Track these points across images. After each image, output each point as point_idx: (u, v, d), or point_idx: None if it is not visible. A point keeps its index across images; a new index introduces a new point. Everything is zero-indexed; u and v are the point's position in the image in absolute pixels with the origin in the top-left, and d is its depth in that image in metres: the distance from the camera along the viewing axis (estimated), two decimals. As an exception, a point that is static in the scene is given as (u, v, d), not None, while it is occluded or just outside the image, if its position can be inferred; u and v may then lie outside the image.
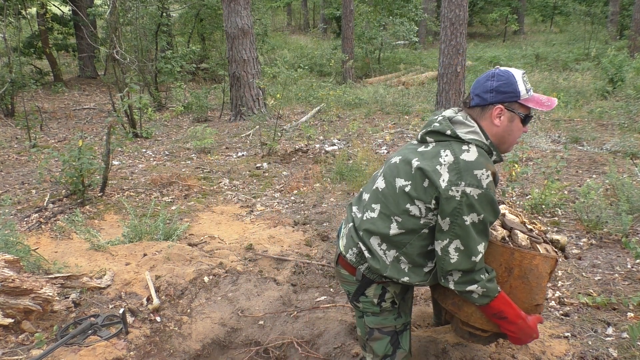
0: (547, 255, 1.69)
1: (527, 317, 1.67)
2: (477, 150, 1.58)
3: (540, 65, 13.07)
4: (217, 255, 3.21)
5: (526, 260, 1.67)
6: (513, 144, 1.69)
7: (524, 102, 1.61)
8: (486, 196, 1.53)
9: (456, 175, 1.53)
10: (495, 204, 1.56)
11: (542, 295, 1.71)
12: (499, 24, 20.60)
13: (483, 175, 1.53)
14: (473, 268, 1.57)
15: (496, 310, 1.62)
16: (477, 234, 1.56)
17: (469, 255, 1.56)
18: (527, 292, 1.70)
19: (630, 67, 9.54)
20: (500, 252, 1.69)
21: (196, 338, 2.45)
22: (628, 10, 16.42)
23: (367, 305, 1.78)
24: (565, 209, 3.74)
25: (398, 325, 1.80)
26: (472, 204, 1.52)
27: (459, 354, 2.00)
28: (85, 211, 4.22)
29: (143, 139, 7.09)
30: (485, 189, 1.52)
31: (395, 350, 1.80)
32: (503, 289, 1.65)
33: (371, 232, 1.68)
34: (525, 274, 1.68)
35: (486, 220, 1.56)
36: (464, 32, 5.89)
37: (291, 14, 24.64)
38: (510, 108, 1.62)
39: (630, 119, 7.01)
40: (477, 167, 1.53)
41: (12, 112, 8.41)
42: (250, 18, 8.20)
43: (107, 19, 8.13)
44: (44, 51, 11.75)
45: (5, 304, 2.27)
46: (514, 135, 1.66)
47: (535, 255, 1.67)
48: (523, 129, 1.66)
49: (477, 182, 1.52)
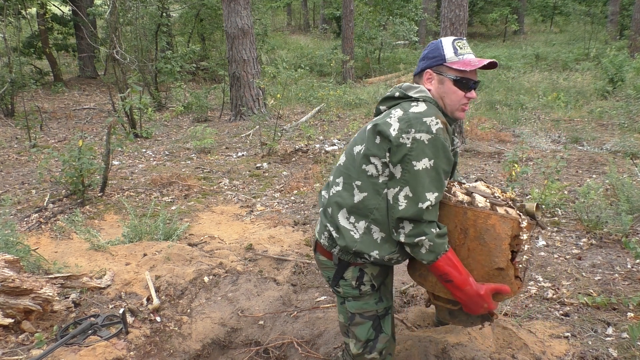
0: (505, 215, 1.62)
1: (478, 285, 1.62)
2: (426, 104, 1.63)
3: (540, 65, 13.07)
4: (217, 255, 3.21)
5: (480, 219, 1.61)
6: (455, 106, 1.69)
7: (450, 64, 1.66)
8: (436, 141, 1.54)
9: (406, 123, 1.57)
10: (447, 151, 1.56)
11: (503, 258, 1.62)
12: (499, 24, 20.60)
13: (433, 121, 1.56)
14: (421, 217, 1.54)
15: (442, 272, 1.58)
16: (428, 181, 1.55)
17: (416, 201, 1.54)
18: (486, 255, 1.63)
19: (630, 67, 9.55)
20: (454, 212, 1.64)
21: (196, 338, 2.45)
22: (628, 10, 16.42)
23: (347, 290, 1.77)
24: (565, 209, 3.74)
25: (379, 309, 1.79)
26: (422, 149, 1.54)
27: (459, 354, 2.00)
28: (85, 211, 4.22)
29: (143, 139, 7.09)
30: (435, 134, 1.54)
31: (378, 335, 1.80)
32: (461, 252, 1.62)
33: (339, 205, 1.69)
34: (481, 234, 1.61)
35: (438, 167, 1.56)
36: (464, 32, 5.88)
37: (291, 14, 24.64)
38: (438, 71, 1.68)
39: (630, 119, 7.02)
40: (427, 116, 1.57)
41: (12, 112, 8.41)
42: (250, 18, 8.20)
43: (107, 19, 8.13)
44: (44, 51, 11.75)
45: (5, 304, 2.27)
46: (450, 98, 1.68)
47: (490, 214, 1.61)
48: (462, 93, 1.67)
49: (426, 128, 1.55)
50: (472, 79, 1.69)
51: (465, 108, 1.71)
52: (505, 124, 7.37)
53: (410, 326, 2.35)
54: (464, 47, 1.70)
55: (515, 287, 1.67)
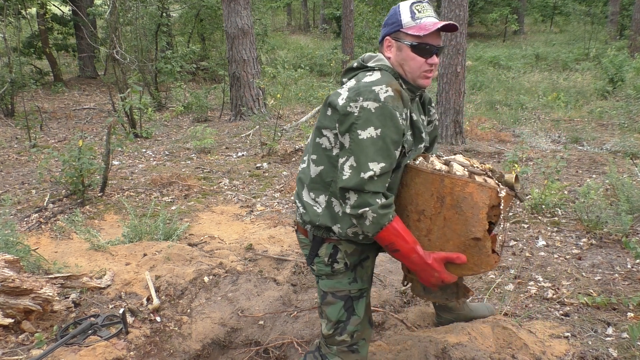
0: (483, 184, 1.56)
1: (427, 253, 1.59)
2: (380, 73, 1.59)
3: (540, 65, 13.07)
4: (217, 255, 3.21)
5: (457, 187, 1.56)
6: (416, 73, 1.62)
7: (406, 30, 1.59)
8: (384, 109, 1.50)
9: (355, 92, 1.55)
10: (395, 120, 1.52)
11: (480, 227, 1.56)
12: (499, 24, 20.59)
13: (382, 89, 1.52)
14: (363, 187, 1.50)
15: (387, 242, 1.55)
16: (373, 150, 1.51)
17: (359, 171, 1.50)
18: (463, 224, 1.57)
19: (630, 67, 9.56)
20: (431, 180, 1.59)
21: (196, 338, 2.45)
22: (628, 10, 16.41)
23: (321, 267, 1.74)
24: (565, 209, 3.74)
25: (353, 290, 1.74)
26: (369, 117, 1.51)
27: (459, 354, 2.00)
28: (85, 211, 4.22)
29: (143, 139, 7.09)
30: (383, 102, 1.50)
31: (350, 317, 1.75)
32: (437, 221, 1.59)
33: (302, 182, 1.71)
34: (458, 202, 1.56)
35: (386, 136, 1.51)
36: (464, 32, 5.88)
37: (291, 14, 24.64)
38: (397, 38, 1.62)
39: (630, 119, 7.02)
40: (377, 84, 1.53)
41: (12, 112, 8.41)
42: (250, 18, 8.20)
43: (107, 19, 8.13)
44: (44, 51, 11.75)
45: (5, 304, 2.27)
46: (410, 65, 1.61)
47: (468, 182, 1.55)
48: (421, 59, 1.60)
49: (374, 96, 1.51)
50: (432, 44, 1.59)
51: (428, 75, 1.63)
52: (505, 124, 7.37)
53: (410, 326, 2.35)
54: (424, 10, 1.60)
55: (492, 261, 1.62)
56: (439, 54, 1.63)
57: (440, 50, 1.62)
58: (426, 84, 1.65)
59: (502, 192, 1.57)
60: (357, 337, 1.79)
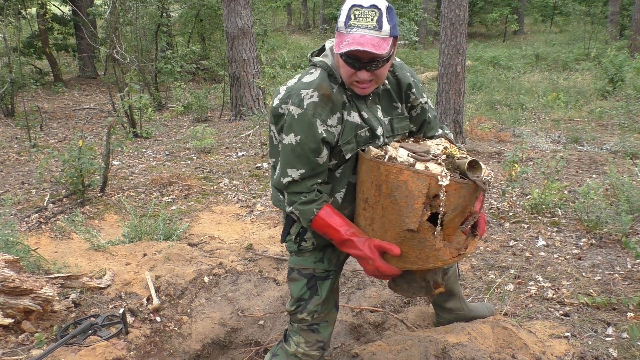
0: (419, 171, 1.42)
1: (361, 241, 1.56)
2: (319, 72, 1.55)
3: (540, 65, 13.06)
4: (217, 255, 3.21)
5: (392, 174, 1.45)
6: (347, 81, 1.51)
7: (337, 35, 1.45)
8: (304, 117, 1.49)
9: (287, 94, 1.55)
10: (314, 129, 1.49)
11: (414, 219, 1.44)
12: (499, 24, 20.60)
13: (307, 94, 1.50)
14: (284, 190, 1.59)
15: (321, 232, 1.59)
16: (292, 157, 1.53)
17: (280, 175, 1.58)
18: (397, 214, 1.47)
19: (630, 67, 9.55)
20: (370, 167, 1.52)
21: (196, 338, 2.44)
22: (628, 10, 16.41)
23: (290, 244, 1.78)
24: (565, 209, 3.74)
25: (317, 269, 1.75)
26: (291, 123, 1.52)
27: (459, 354, 2.00)
28: (85, 211, 4.22)
29: (143, 139, 7.09)
30: (305, 109, 1.49)
31: (312, 296, 1.76)
32: (377, 210, 1.53)
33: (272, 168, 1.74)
34: (393, 191, 1.46)
35: (304, 144, 1.51)
36: (464, 32, 5.88)
37: (291, 14, 24.63)
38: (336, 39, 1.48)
39: (630, 119, 7.02)
40: (306, 87, 1.51)
41: (12, 112, 8.41)
42: (250, 18, 8.19)
43: (107, 19, 8.13)
44: (44, 51, 11.75)
45: (5, 304, 2.27)
46: (341, 71, 1.50)
47: (402, 169, 1.43)
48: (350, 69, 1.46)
49: (299, 101, 1.50)
50: (359, 59, 1.42)
51: (360, 86, 1.50)
52: (505, 124, 7.37)
53: (410, 326, 2.35)
54: (360, 17, 1.41)
55: (443, 256, 1.49)
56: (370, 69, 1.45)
57: (376, 65, 1.44)
58: (361, 93, 1.54)
59: (443, 181, 1.39)
60: (318, 318, 1.79)
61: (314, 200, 1.58)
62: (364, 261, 1.58)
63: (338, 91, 1.55)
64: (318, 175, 1.59)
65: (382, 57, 1.43)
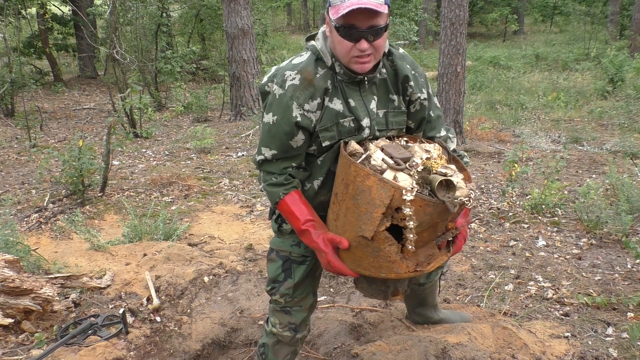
0: (385, 180, 1.35)
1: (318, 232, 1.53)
2: (308, 55, 1.54)
3: (540, 65, 13.06)
4: (217, 255, 3.21)
5: (359, 177, 1.40)
6: (345, 58, 1.47)
7: (331, 8, 1.42)
8: (283, 98, 1.49)
9: (274, 73, 1.56)
10: (289, 112, 1.49)
11: (370, 227, 1.39)
12: (499, 24, 20.60)
13: (290, 76, 1.50)
14: (259, 167, 1.62)
15: (285, 217, 1.61)
16: (267, 136, 1.55)
17: (256, 153, 1.61)
18: (356, 218, 1.43)
19: (630, 67, 9.56)
20: (343, 163, 1.48)
21: (196, 338, 2.44)
22: (628, 10, 16.42)
23: (273, 225, 1.80)
24: (565, 209, 3.74)
25: (294, 253, 1.74)
26: (272, 102, 1.53)
27: (459, 354, 2.00)
28: (85, 211, 4.22)
29: (143, 139, 7.09)
30: (285, 90, 1.49)
31: (286, 279, 1.76)
32: (342, 207, 1.49)
33: None
34: (357, 194, 1.41)
35: (279, 126, 1.51)
36: (464, 32, 5.88)
37: (291, 14, 24.64)
38: (329, 14, 1.45)
39: (630, 119, 7.02)
40: (292, 69, 1.51)
41: (12, 112, 8.41)
42: (250, 18, 8.19)
43: (107, 19, 8.13)
44: (44, 51, 11.75)
45: (5, 304, 2.27)
46: (338, 49, 1.46)
47: (370, 174, 1.37)
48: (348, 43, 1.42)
49: (281, 82, 1.50)
50: (358, 26, 1.39)
51: (360, 60, 1.45)
52: (505, 124, 7.37)
53: (410, 326, 2.35)
54: None
55: (398, 269, 1.44)
56: (373, 36, 1.41)
57: (375, 33, 1.40)
58: (360, 69, 1.49)
59: (407, 195, 1.32)
60: (292, 302, 1.79)
61: (283, 184, 1.58)
62: (319, 254, 1.57)
63: (323, 76, 1.52)
64: (292, 159, 1.58)
65: (380, 24, 1.40)
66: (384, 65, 1.60)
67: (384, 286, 1.63)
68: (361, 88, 1.56)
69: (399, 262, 1.43)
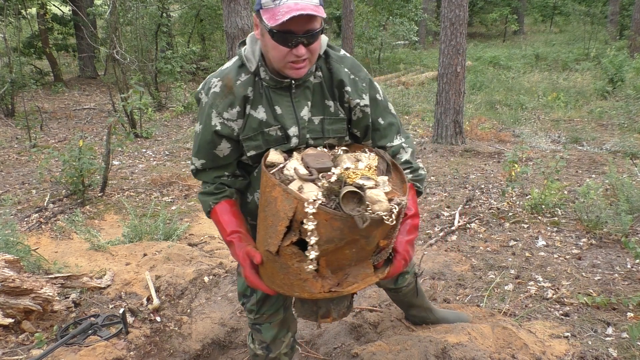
0: (288, 191, 1.24)
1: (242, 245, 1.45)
2: (233, 61, 1.49)
3: (540, 65, 13.07)
4: (217, 255, 3.21)
5: (268, 187, 1.32)
6: (280, 64, 1.36)
7: (264, 12, 1.30)
8: (205, 107, 1.48)
9: (206, 79, 1.53)
10: (209, 120, 1.45)
11: (275, 241, 1.29)
12: (499, 24, 20.61)
13: (214, 83, 1.47)
14: (194, 177, 1.60)
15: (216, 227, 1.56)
16: (196, 146, 1.53)
17: (190, 162, 1.59)
18: (265, 230, 1.34)
19: (630, 67, 9.56)
20: (261, 173, 1.39)
21: (196, 338, 2.45)
22: (628, 10, 16.42)
23: None
24: (565, 209, 3.74)
25: None
26: (200, 111, 1.52)
27: (459, 354, 2.00)
28: (86, 211, 4.23)
29: (143, 139, 7.10)
30: (208, 98, 1.47)
31: (252, 294, 1.69)
32: (259, 219, 1.40)
33: None
34: (265, 205, 1.33)
35: (202, 135, 1.48)
36: (464, 32, 5.88)
37: (291, 14, 24.62)
38: (260, 17, 1.34)
39: (630, 119, 7.02)
40: (217, 76, 1.48)
41: (12, 112, 8.41)
42: (251, 18, 8.19)
43: (107, 19, 8.13)
44: (44, 51, 11.76)
45: (5, 304, 2.28)
46: (272, 54, 1.35)
47: (275, 185, 1.27)
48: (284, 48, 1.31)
49: (207, 90, 1.49)
50: (296, 31, 1.29)
51: (296, 66, 1.35)
52: (505, 124, 7.37)
53: (409, 326, 2.35)
54: None
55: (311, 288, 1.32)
56: (310, 41, 1.32)
57: (311, 37, 1.31)
58: (296, 75, 1.38)
59: (309, 208, 1.20)
60: (260, 318, 1.71)
61: (213, 193, 1.55)
62: (240, 266, 1.52)
63: (244, 83, 1.44)
64: (223, 168, 1.55)
65: (316, 28, 1.31)
66: (320, 68, 1.49)
67: (316, 307, 1.50)
68: (292, 94, 1.46)
69: (311, 280, 1.31)
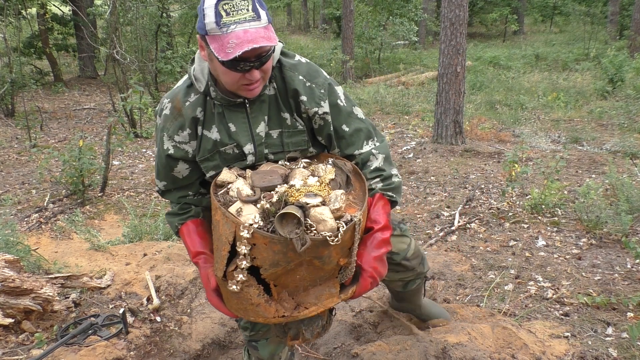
0: (227, 214, 1.20)
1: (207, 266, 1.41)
2: (183, 80, 1.45)
3: (540, 65, 13.07)
4: (217, 255, 3.21)
5: (213, 210, 1.29)
6: (233, 87, 1.31)
7: (210, 39, 1.23)
8: (158, 129, 1.45)
9: (162, 98, 1.50)
10: (161, 143, 1.43)
11: (219, 266, 1.25)
12: (499, 24, 20.60)
13: (165, 105, 1.44)
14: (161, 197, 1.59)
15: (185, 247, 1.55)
16: (156, 168, 1.52)
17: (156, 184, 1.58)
18: (215, 253, 1.31)
19: (630, 67, 9.56)
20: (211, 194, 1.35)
21: (196, 338, 2.45)
22: (628, 10, 16.42)
23: None
24: (565, 209, 3.75)
25: None
26: (155, 133, 1.53)
27: (459, 354, 2.00)
28: (86, 211, 4.23)
29: (143, 139, 7.10)
30: (160, 120, 1.44)
31: None
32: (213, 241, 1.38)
33: None
34: (213, 228, 1.31)
35: (158, 158, 1.47)
36: (464, 32, 5.88)
37: (291, 14, 24.65)
38: (205, 41, 1.27)
39: (630, 119, 7.02)
40: (168, 96, 1.45)
41: (12, 112, 8.42)
42: (250, 18, 8.19)
43: (107, 19, 8.13)
44: (44, 51, 11.76)
45: (5, 304, 2.28)
46: (223, 78, 1.29)
47: (218, 208, 1.24)
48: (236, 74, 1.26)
49: (160, 111, 1.46)
50: (247, 59, 1.23)
51: (250, 87, 1.30)
52: (505, 124, 7.37)
53: (409, 325, 2.35)
54: (234, 11, 1.20)
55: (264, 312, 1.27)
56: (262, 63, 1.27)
57: (264, 59, 1.26)
58: (251, 95, 1.34)
59: (244, 232, 1.16)
60: (256, 335, 1.67)
61: (178, 213, 1.54)
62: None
63: (193, 104, 1.39)
64: (186, 188, 1.52)
65: (269, 50, 1.26)
66: (274, 78, 1.42)
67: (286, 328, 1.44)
68: (247, 110, 1.40)
69: (264, 305, 1.27)
